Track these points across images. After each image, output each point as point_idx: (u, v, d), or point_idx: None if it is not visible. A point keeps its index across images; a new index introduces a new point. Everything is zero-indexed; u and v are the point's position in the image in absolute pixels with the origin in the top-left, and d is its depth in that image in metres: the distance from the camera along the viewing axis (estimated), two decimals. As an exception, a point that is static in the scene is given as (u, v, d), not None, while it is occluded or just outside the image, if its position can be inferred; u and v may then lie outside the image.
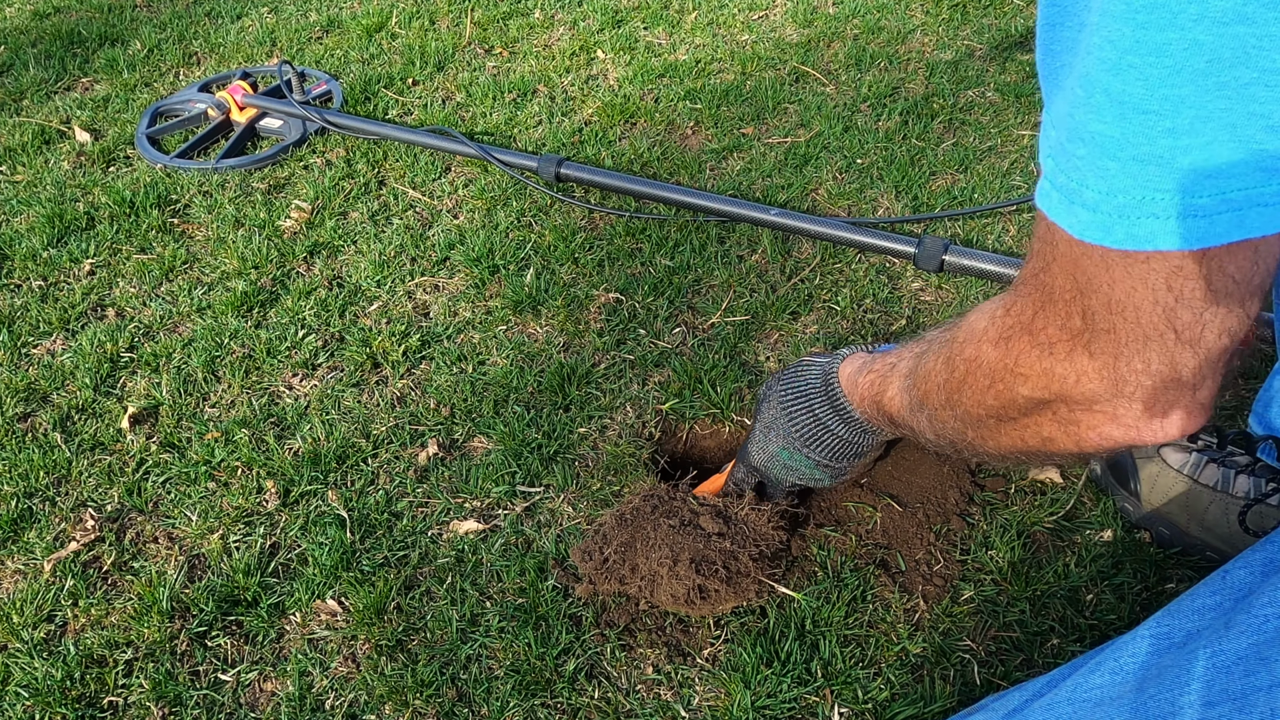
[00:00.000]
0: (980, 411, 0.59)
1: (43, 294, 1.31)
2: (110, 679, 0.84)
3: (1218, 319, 0.48)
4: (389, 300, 1.25)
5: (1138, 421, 0.54)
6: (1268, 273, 0.48)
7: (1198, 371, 0.51)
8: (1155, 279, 0.46)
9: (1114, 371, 0.52)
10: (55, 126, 1.69)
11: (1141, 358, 0.51)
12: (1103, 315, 0.50)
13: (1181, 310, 0.47)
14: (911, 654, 0.81)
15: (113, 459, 1.05)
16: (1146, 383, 0.51)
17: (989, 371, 0.57)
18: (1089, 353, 0.53)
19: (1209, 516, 0.83)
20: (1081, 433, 0.56)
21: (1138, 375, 0.51)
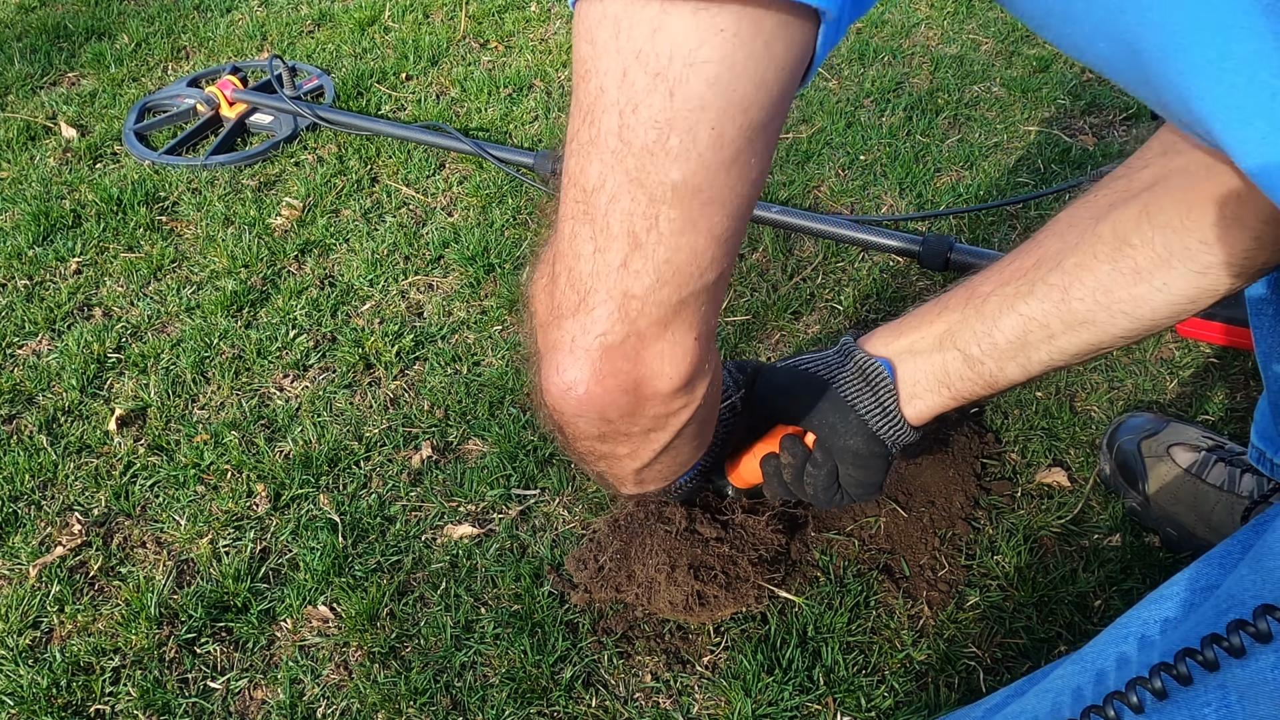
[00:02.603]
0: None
1: (28, 293, 1.29)
2: (97, 687, 0.82)
3: (624, 202, 0.38)
4: (382, 300, 1.23)
5: (547, 343, 0.44)
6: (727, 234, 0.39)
7: (593, 275, 0.41)
8: (585, 97, 0.37)
9: (548, 259, 0.44)
10: (41, 122, 1.66)
11: (559, 230, 0.42)
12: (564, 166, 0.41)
13: (593, 157, 0.38)
14: (916, 661, 0.79)
15: (100, 462, 1.04)
16: (560, 276, 0.42)
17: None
18: (551, 237, 0.44)
19: (1215, 517, 0.82)
20: (536, 360, 0.47)
21: (556, 262, 0.42)
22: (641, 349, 0.44)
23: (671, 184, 0.38)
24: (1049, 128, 1.46)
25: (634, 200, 0.39)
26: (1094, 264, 0.57)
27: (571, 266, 0.42)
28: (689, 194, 0.39)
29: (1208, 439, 0.87)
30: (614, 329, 0.43)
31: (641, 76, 0.36)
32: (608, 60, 0.36)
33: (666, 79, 0.35)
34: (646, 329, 0.43)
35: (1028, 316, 0.60)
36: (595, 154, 0.38)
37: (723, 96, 0.36)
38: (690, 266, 0.41)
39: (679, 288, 0.42)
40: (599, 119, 0.37)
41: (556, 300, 0.44)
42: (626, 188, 0.39)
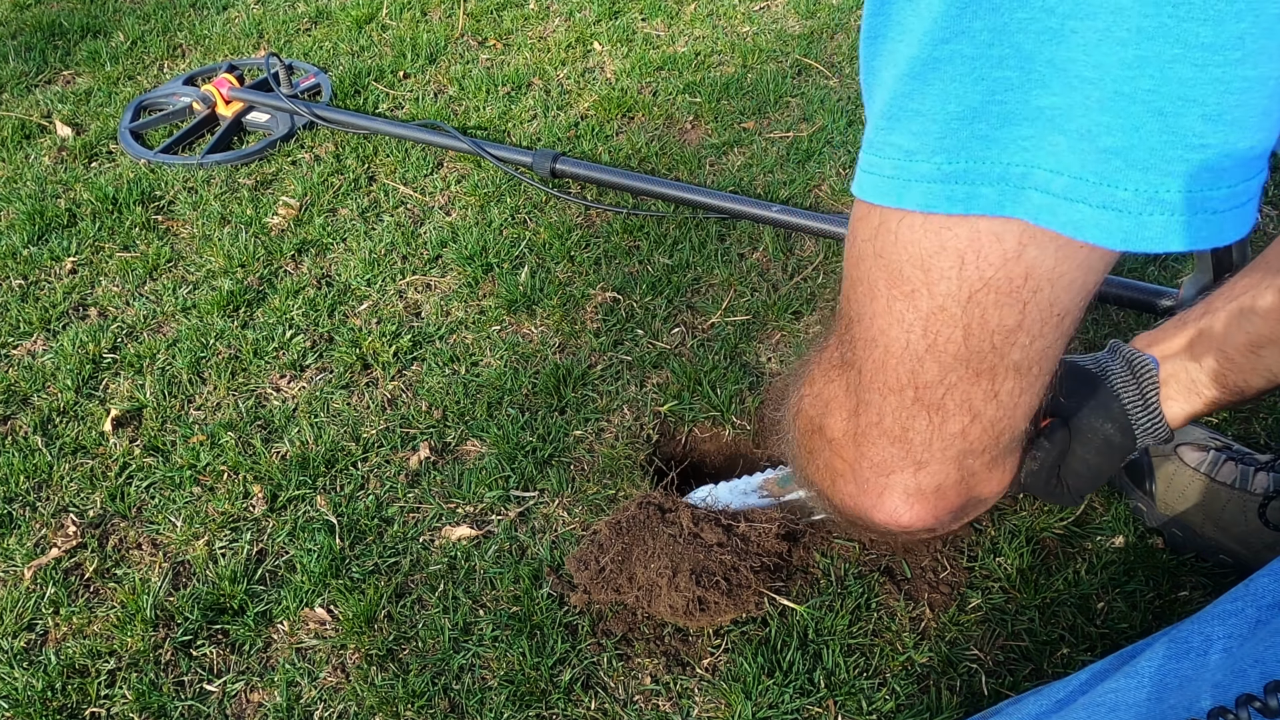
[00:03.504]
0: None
1: (23, 293, 1.28)
2: (92, 689, 0.82)
3: (963, 389, 0.41)
4: (379, 299, 1.22)
5: (864, 484, 0.47)
6: (1033, 398, 0.42)
7: (929, 446, 0.44)
8: (914, 314, 0.39)
9: (854, 416, 0.47)
10: (36, 121, 1.66)
11: (879, 409, 0.44)
12: (861, 348, 0.44)
13: (929, 362, 0.40)
14: (917, 664, 0.79)
15: (95, 463, 1.03)
16: (878, 439, 0.45)
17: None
18: (844, 386, 0.47)
19: (1225, 515, 0.82)
20: (834, 478, 0.50)
21: (871, 427, 0.45)
22: (975, 484, 0.47)
23: (1013, 364, 0.41)
24: (1050, 126, 1.45)
25: (974, 386, 0.42)
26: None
27: (900, 437, 0.45)
28: (1027, 367, 0.41)
29: (1215, 439, 0.86)
30: (949, 477, 0.46)
31: (990, 297, 0.37)
32: (948, 284, 0.38)
33: (1020, 297, 0.37)
34: (981, 470, 0.46)
35: (1253, 334, 0.61)
36: (931, 358, 0.41)
37: (1074, 291, 0.38)
38: (1024, 416, 0.45)
39: (1014, 433, 0.45)
40: (937, 331, 0.40)
41: (876, 457, 0.46)
42: (967, 379, 0.41)
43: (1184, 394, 0.67)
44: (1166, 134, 0.31)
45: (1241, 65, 0.30)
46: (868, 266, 0.41)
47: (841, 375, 0.47)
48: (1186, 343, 0.67)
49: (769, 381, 1.06)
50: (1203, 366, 0.65)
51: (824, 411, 0.50)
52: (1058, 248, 0.36)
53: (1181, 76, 0.30)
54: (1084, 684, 0.58)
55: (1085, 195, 0.33)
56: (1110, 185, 0.33)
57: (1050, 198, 0.34)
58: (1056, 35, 0.31)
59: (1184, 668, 0.51)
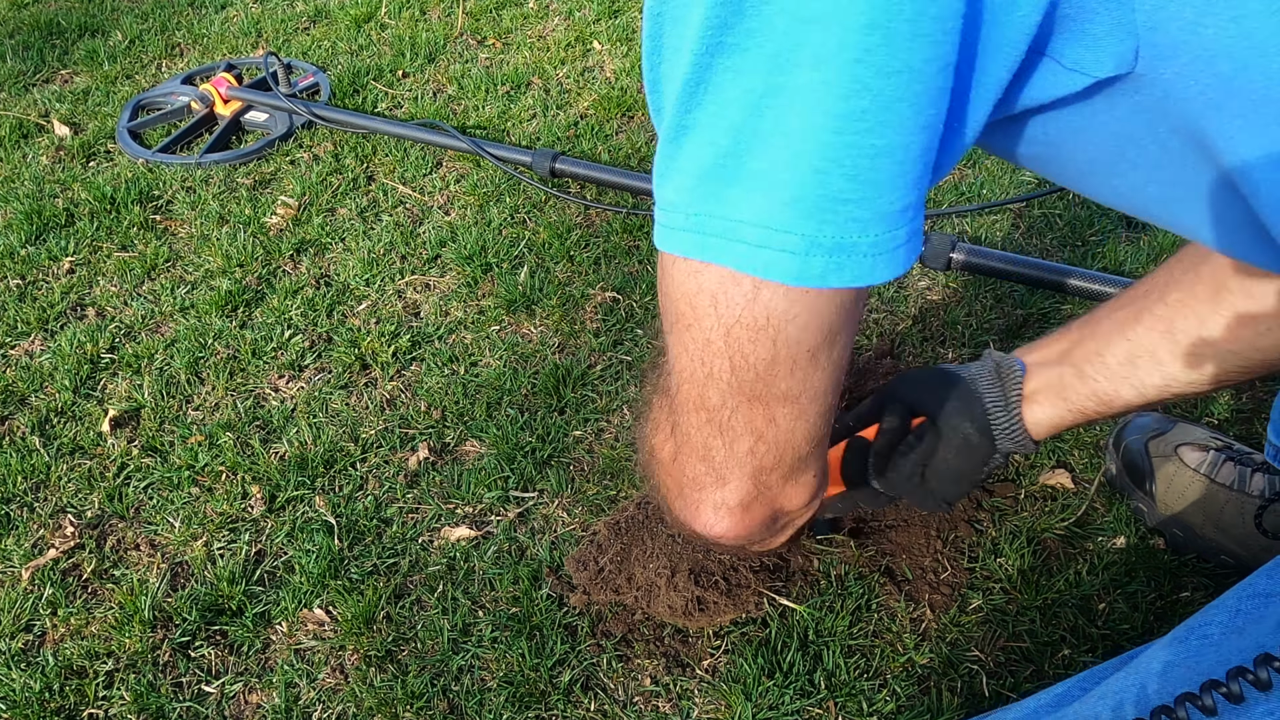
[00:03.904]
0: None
1: (20, 293, 1.28)
2: (90, 691, 0.81)
3: (743, 413, 0.47)
4: (378, 299, 1.22)
5: (686, 499, 0.54)
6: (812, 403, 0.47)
7: (726, 463, 0.50)
8: (693, 345, 0.45)
9: (672, 438, 0.53)
10: (33, 120, 1.65)
11: (685, 429, 0.51)
12: (672, 374, 0.50)
13: (711, 388, 0.47)
14: (918, 665, 0.79)
15: (93, 463, 1.03)
16: (689, 458, 0.51)
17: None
18: (667, 411, 0.53)
19: (1225, 517, 0.81)
20: (668, 495, 0.56)
21: (683, 446, 0.52)
22: (775, 498, 0.53)
23: (781, 393, 0.47)
24: (1050, 126, 1.45)
25: (753, 410, 0.47)
26: (1194, 304, 0.59)
27: (705, 456, 0.51)
28: (796, 395, 0.47)
29: (1215, 439, 0.86)
30: (749, 493, 0.52)
31: (744, 333, 0.44)
32: (710, 321, 0.44)
33: (768, 332, 0.43)
34: (776, 485, 0.52)
35: (1136, 342, 0.63)
36: (713, 386, 0.47)
37: (814, 331, 0.44)
38: (805, 437, 0.50)
39: (799, 453, 0.51)
40: (711, 362, 0.46)
41: (690, 475, 0.53)
42: (746, 403, 0.47)
43: (1053, 401, 0.69)
44: (820, 189, 0.39)
45: (869, 135, 0.37)
46: (662, 301, 0.48)
47: (664, 400, 0.54)
48: (1065, 349, 0.68)
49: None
50: (1079, 374, 0.67)
51: (654, 433, 0.56)
52: (785, 292, 0.42)
53: (827, 142, 0.38)
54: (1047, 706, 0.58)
55: (769, 241, 0.40)
56: (785, 231, 0.40)
57: (748, 246, 0.40)
58: (757, 109, 0.38)
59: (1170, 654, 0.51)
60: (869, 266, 0.40)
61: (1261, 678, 0.42)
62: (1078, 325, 0.69)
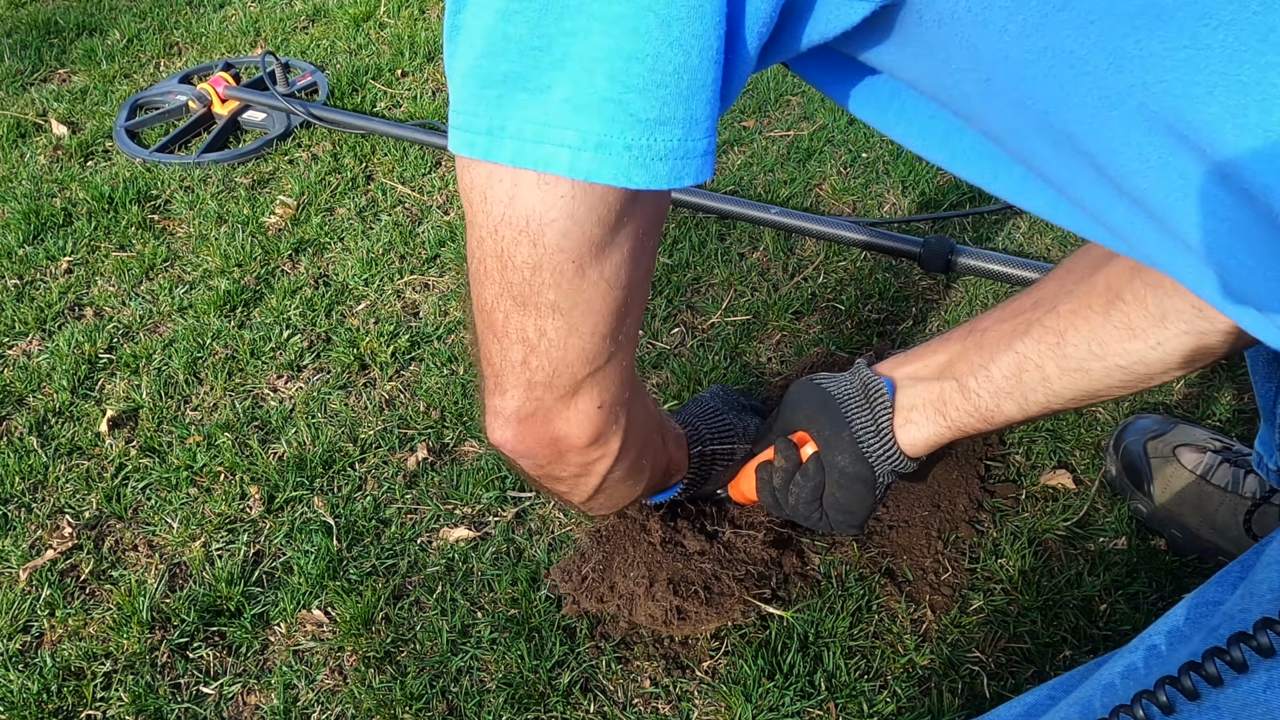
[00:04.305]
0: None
1: (18, 293, 1.27)
2: (88, 692, 0.81)
3: (515, 319, 0.47)
4: (377, 299, 1.22)
5: (482, 404, 0.55)
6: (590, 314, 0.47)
7: (502, 369, 0.50)
8: (473, 238, 0.46)
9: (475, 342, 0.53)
10: (31, 119, 1.65)
11: (475, 329, 0.52)
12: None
13: (486, 285, 0.47)
14: (919, 666, 0.78)
15: (91, 464, 1.02)
16: (481, 361, 0.52)
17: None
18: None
19: (1219, 518, 0.81)
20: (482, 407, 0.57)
21: (476, 348, 0.52)
22: (550, 419, 0.53)
23: (550, 303, 0.47)
24: (1050, 125, 1.45)
25: (523, 316, 0.48)
26: (1088, 314, 0.57)
27: (487, 359, 0.52)
28: (566, 309, 0.47)
29: (1215, 440, 0.86)
30: (524, 406, 0.52)
31: (509, 231, 0.44)
32: (482, 217, 0.45)
33: (529, 233, 0.44)
34: (551, 406, 0.52)
35: (1023, 355, 0.61)
36: (487, 283, 0.47)
37: (575, 240, 0.44)
38: (580, 359, 0.50)
39: (573, 376, 0.51)
40: (485, 258, 0.46)
41: (483, 379, 0.54)
42: (515, 308, 0.48)
43: (931, 418, 0.66)
44: (593, 89, 0.39)
45: (623, 39, 0.38)
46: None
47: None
48: (947, 362, 0.66)
49: (769, 382, 1.05)
50: (960, 389, 0.64)
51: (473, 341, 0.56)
52: (541, 194, 0.42)
53: (599, 43, 0.38)
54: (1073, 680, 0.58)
55: (547, 136, 0.41)
56: (561, 127, 0.40)
57: (522, 143, 0.41)
58: (507, 12, 0.39)
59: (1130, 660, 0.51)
60: (625, 166, 0.40)
61: (1185, 685, 0.41)
62: (959, 336, 0.66)
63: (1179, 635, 0.48)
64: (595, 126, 0.40)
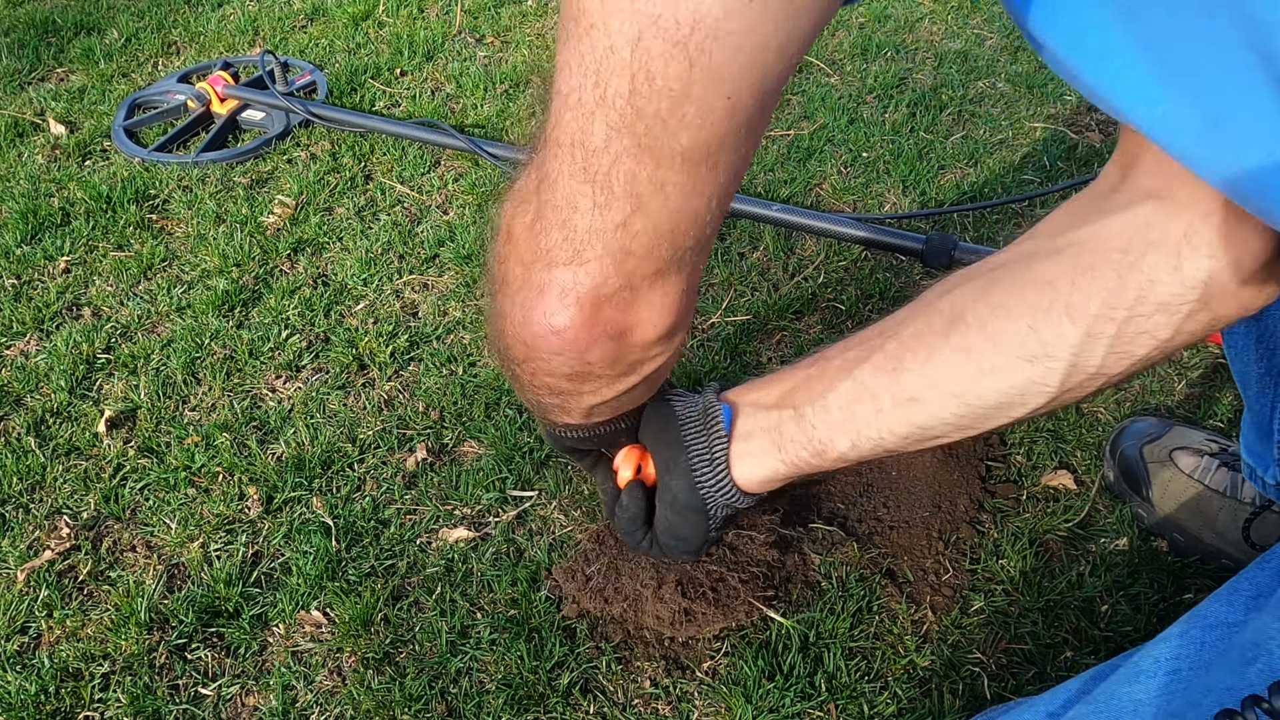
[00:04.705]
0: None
1: (15, 293, 1.27)
2: (86, 693, 0.81)
3: (628, 164, 0.38)
4: (376, 299, 1.21)
5: (532, 281, 0.43)
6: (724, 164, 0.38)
7: (590, 231, 0.40)
8: (591, 55, 0.36)
9: (536, 195, 0.43)
10: (29, 119, 1.64)
11: (553, 179, 0.41)
12: (552, 109, 0.40)
13: (599, 118, 0.37)
14: (919, 667, 0.78)
15: (89, 464, 1.02)
16: (550, 220, 0.41)
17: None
18: (536, 171, 0.43)
19: (1220, 523, 0.81)
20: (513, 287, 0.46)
21: (545, 206, 0.42)
22: (634, 300, 0.44)
23: (681, 150, 0.38)
24: (1055, 124, 1.45)
25: (640, 164, 0.38)
26: (929, 336, 0.54)
27: (566, 219, 0.41)
28: (697, 160, 0.38)
29: (1213, 442, 0.86)
30: (608, 282, 0.42)
31: (658, 43, 0.35)
32: (619, 19, 0.35)
33: (687, 49, 0.35)
34: (640, 283, 0.43)
35: (860, 383, 0.57)
36: (601, 115, 0.38)
37: (744, 68, 0.35)
38: (689, 226, 0.41)
39: (676, 246, 0.42)
40: (607, 80, 0.37)
41: (544, 246, 0.43)
42: (633, 152, 0.38)
43: (767, 450, 0.61)
44: None
45: None
46: (564, 7, 0.38)
47: (536, 160, 0.44)
48: (788, 390, 0.61)
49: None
50: (797, 418, 0.60)
51: (514, 209, 0.46)
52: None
53: None
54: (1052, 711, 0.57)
55: None
56: None
57: None
58: None
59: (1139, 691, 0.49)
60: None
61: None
62: (806, 364, 0.62)
63: (1199, 663, 0.48)
64: None
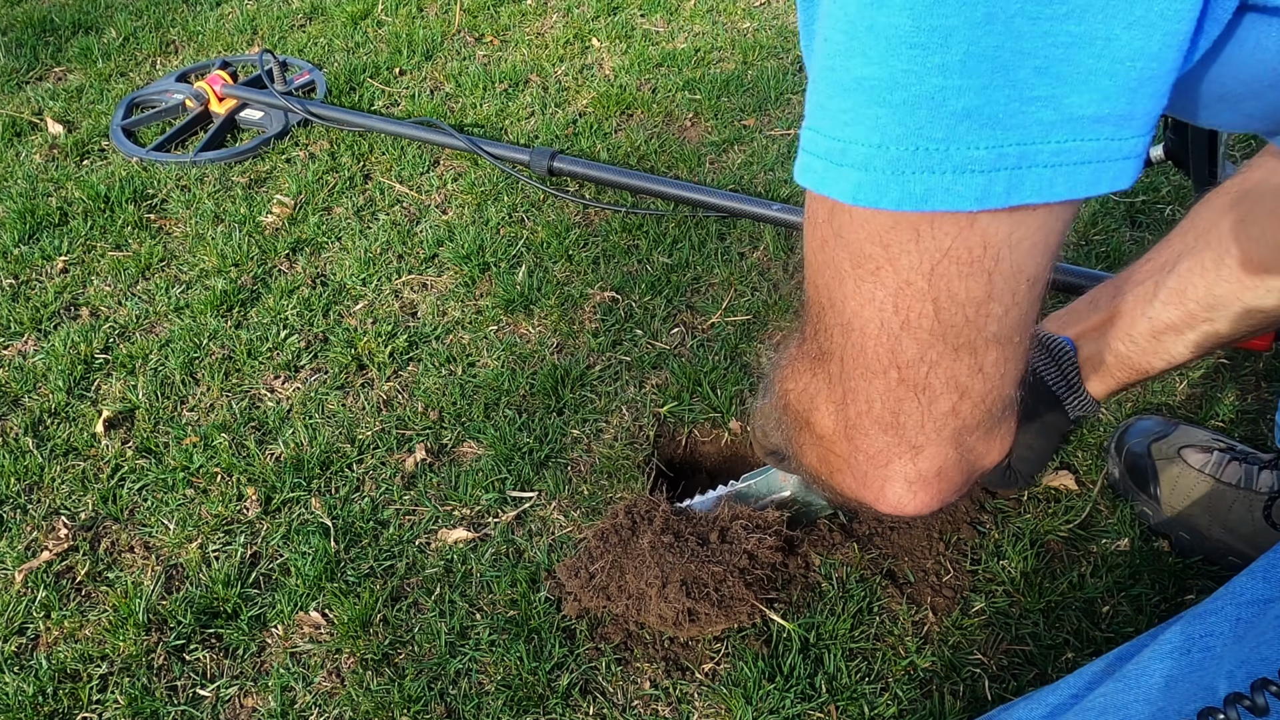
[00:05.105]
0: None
1: (13, 293, 1.27)
2: (84, 694, 0.81)
3: (945, 366, 0.41)
4: (375, 299, 1.21)
5: (863, 477, 0.47)
6: (1020, 339, 0.42)
7: (921, 429, 0.44)
8: (883, 292, 0.39)
9: (841, 408, 0.46)
10: (27, 118, 1.64)
11: (865, 396, 0.44)
12: (838, 335, 0.43)
13: (906, 340, 0.41)
14: (920, 668, 0.78)
15: (87, 465, 1.02)
16: (870, 429, 0.45)
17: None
18: (826, 379, 0.47)
19: (1232, 516, 0.81)
20: (831, 472, 0.50)
21: (861, 417, 0.45)
22: (974, 459, 0.47)
23: (992, 335, 0.41)
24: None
25: (957, 362, 0.41)
26: (1203, 270, 0.65)
27: (891, 424, 0.45)
28: (1007, 336, 0.41)
29: (1218, 441, 0.86)
30: (949, 457, 0.46)
31: (953, 269, 0.38)
32: (908, 259, 0.38)
33: (983, 265, 0.37)
34: (978, 444, 0.46)
35: (1154, 319, 0.70)
36: (908, 337, 0.41)
37: (1039, 259, 0.38)
38: (1012, 382, 0.44)
39: (1004, 401, 0.45)
40: (908, 308, 0.40)
41: (870, 450, 0.46)
42: (949, 355, 0.41)
43: (1100, 374, 0.75)
44: (1008, 88, 0.33)
45: (1067, 20, 0.32)
46: (831, 249, 0.41)
47: (822, 367, 0.47)
48: (1101, 323, 0.74)
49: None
50: (1113, 349, 0.73)
51: (810, 407, 0.49)
52: (1010, 210, 0.36)
53: (1019, 30, 0.32)
54: (1076, 693, 0.57)
55: (1041, 157, 0.35)
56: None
57: (974, 174, 0.35)
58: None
59: (1171, 667, 0.50)
60: (1048, 180, 0.35)
61: (1259, 703, 0.41)
62: (1107, 297, 0.74)
63: (1233, 637, 0.48)
64: (999, 135, 0.34)
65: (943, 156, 0.35)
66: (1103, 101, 0.34)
